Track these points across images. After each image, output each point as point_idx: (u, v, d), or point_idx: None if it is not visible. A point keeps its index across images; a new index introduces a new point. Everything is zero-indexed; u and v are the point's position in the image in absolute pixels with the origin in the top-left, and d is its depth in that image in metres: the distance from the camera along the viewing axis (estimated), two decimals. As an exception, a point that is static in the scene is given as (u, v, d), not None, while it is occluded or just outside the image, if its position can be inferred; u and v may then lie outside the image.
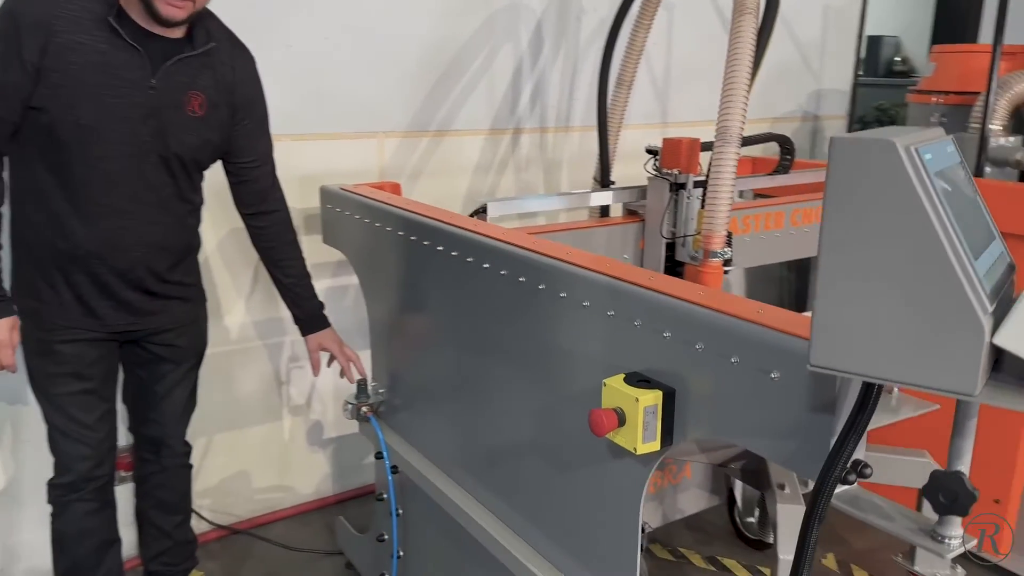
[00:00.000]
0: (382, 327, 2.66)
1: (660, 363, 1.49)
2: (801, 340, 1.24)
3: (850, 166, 0.99)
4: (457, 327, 2.19)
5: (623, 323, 1.56)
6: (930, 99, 3.77)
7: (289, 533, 3.37)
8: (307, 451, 3.50)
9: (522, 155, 3.76)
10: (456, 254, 2.08)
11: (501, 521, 2.07)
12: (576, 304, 1.67)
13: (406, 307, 2.49)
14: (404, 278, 2.45)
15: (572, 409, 1.73)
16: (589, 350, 1.66)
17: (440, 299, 2.25)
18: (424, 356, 2.42)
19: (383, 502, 2.71)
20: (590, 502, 1.73)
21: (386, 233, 2.44)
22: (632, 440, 1.46)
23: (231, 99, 2.31)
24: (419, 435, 2.49)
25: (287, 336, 3.33)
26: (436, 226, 2.17)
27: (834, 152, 1.00)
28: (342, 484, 3.62)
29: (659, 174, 2.55)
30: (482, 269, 1.98)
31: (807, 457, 1.24)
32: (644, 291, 1.52)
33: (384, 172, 3.41)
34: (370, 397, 2.64)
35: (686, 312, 1.42)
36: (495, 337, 2.01)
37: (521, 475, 1.98)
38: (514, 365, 1.95)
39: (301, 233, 2.77)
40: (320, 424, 3.52)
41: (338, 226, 2.78)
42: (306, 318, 2.65)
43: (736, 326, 1.33)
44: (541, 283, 1.77)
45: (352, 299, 3.45)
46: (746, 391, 1.32)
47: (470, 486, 2.22)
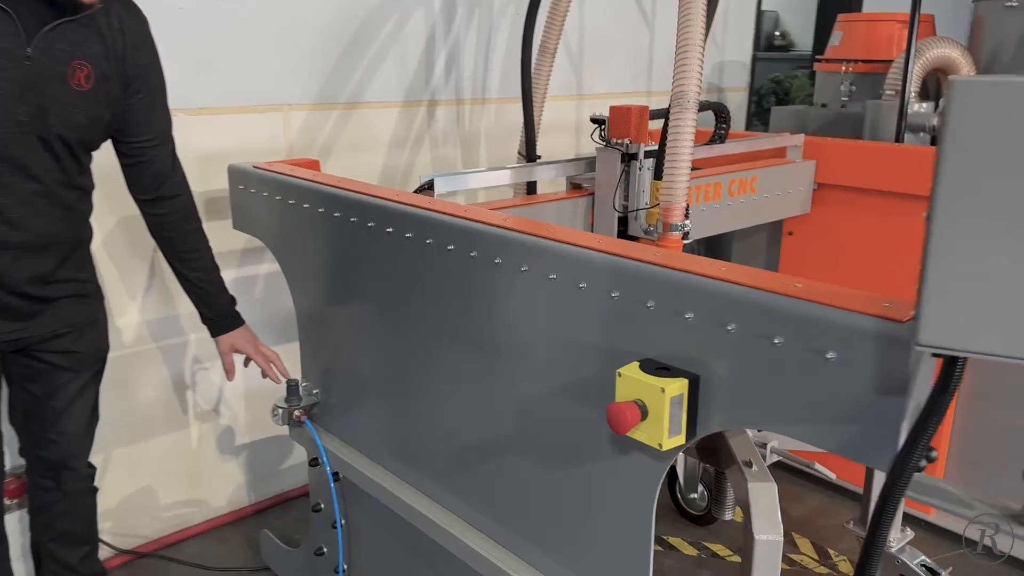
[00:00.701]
0: (311, 319, 2.40)
1: (679, 348, 1.34)
2: (865, 316, 1.11)
3: (979, 111, 0.85)
4: (407, 315, 1.97)
5: (631, 306, 1.39)
6: (839, 68, 3.80)
7: (204, 551, 3.05)
8: (218, 460, 3.18)
9: (438, 129, 3.53)
10: (410, 235, 1.86)
11: (475, 528, 1.89)
12: (568, 287, 1.50)
13: (339, 295, 2.25)
14: (337, 263, 2.20)
15: (566, 404, 1.57)
16: (587, 338, 1.49)
17: (385, 286, 2.02)
18: (365, 348, 2.18)
19: (321, 512, 2.46)
20: (592, 505, 1.57)
21: (317, 215, 2.18)
22: (657, 435, 1.30)
23: (122, 68, 1.99)
24: (363, 437, 2.26)
25: (189, 335, 3.00)
26: (385, 205, 1.93)
27: (957, 96, 0.86)
28: (259, 493, 3.32)
29: (609, 144, 2.40)
30: (445, 251, 1.77)
31: (871, 444, 1.13)
32: (659, 269, 1.36)
33: (292, 149, 3.11)
34: (302, 399, 2.38)
35: (715, 291, 1.27)
36: (459, 325, 1.81)
37: (499, 479, 1.80)
38: (484, 356, 1.76)
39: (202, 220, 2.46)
40: (231, 430, 3.20)
41: (252, 209, 2.49)
42: (216, 317, 2.35)
43: (780, 304, 1.20)
44: (524, 264, 1.59)
45: (261, 291, 3.14)
46: (792, 375, 1.19)
47: (432, 491, 2.01)
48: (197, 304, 2.31)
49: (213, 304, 2.31)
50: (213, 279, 2.30)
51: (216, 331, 2.34)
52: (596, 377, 1.49)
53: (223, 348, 2.35)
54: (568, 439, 1.59)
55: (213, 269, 2.30)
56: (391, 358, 2.08)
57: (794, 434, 1.22)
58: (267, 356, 2.40)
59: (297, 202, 2.25)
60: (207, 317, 2.33)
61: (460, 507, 1.93)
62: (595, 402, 1.50)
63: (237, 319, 2.37)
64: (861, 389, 1.12)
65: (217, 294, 2.32)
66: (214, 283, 2.30)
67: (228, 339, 2.34)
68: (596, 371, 1.49)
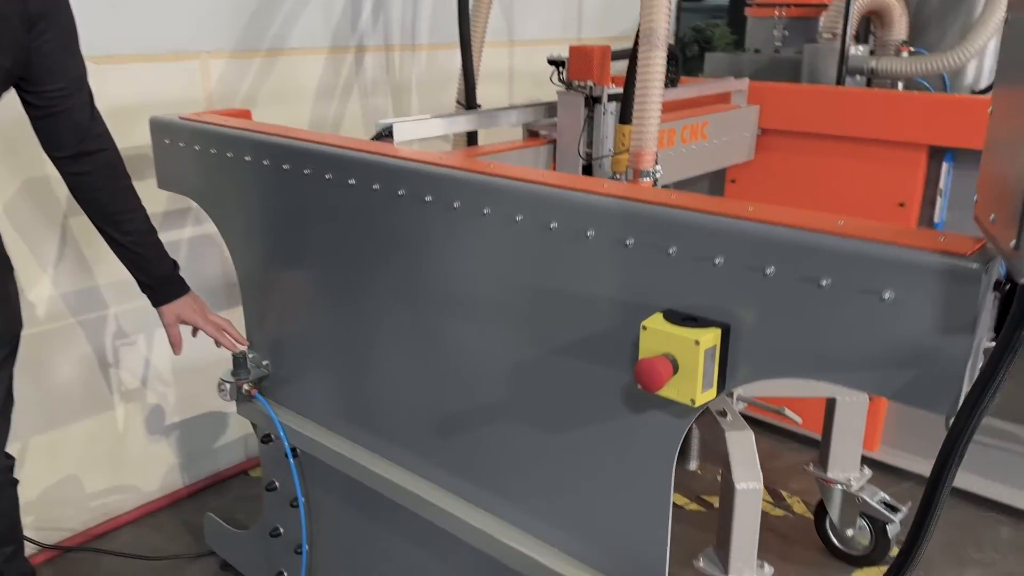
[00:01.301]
0: (255, 283, 2.20)
1: (706, 296, 1.24)
2: (927, 252, 1.04)
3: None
4: (369, 272, 1.81)
5: (649, 253, 1.29)
6: (772, 12, 3.78)
7: (139, 540, 2.83)
8: (147, 442, 2.94)
9: (367, 78, 3.32)
10: (378, 187, 1.70)
11: (461, 497, 1.77)
12: (572, 236, 1.38)
13: (285, 256, 2.05)
14: (282, 220, 2.01)
15: (569, 363, 1.46)
16: (595, 290, 1.38)
17: (342, 243, 1.85)
18: (318, 312, 2.01)
19: (276, 491, 2.29)
20: (602, 470, 1.47)
21: (260, 168, 1.98)
22: (689, 390, 1.21)
23: (24, 8, 1.72)
24: (322, 409, 2.10)
25: (109, 308, 2.73)
26: (352, 155, 1.76)
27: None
28: (193, 474, 3.10)
29: (570, 87, 2.27)
30: (423, 203, 1.62)
31: (931, 387, 1.07)
32: (684, 213, 1.25)
33: (212, 101, 2.85)
34: (251, 372, 2.19)
35: (751, 233, 1.18)
36: (433, 282, 1.67)
37: (487, 446, 1.68)
38: (467, 316, 1.63)
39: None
40: (160, 409, 2.96)
41: (180, 165, 2.25)
42: (157, 284, 2.12)
43: (829, 243, 1.11)
44: (519, 214, 1.45)
45: (186, 257, 2.89)
46: (841, 319, 1.11)
47: (410, 462, 1.88)
48: (134, 271, 2.07)
49: (153, 270, 2.08)
50: (150, 242, 2.07)
51: (158, 300, 2.11)
52: (606, 333, 1.38)
53: (168, 319, 2.13)
54: (571, 400, 1.48)
55: (150, 231, 2.07)
56: (350, 321, 1.92)
57: (842, 381, 1.15)
58: (218, 324, 2.18)
59: (236, 155, 2.04)
60: (147, 285, 2.09)
61: (441, 476, 1.81)
62: (604, 360, 1.40)
63: (182, 286, 2.14)
64: (922, 330, 1.05)
65: (156, 259, 2.08)
66: (152, 246, 2.07)
67: (173, 309, 2.12)
68: (606, 327, 1.38)
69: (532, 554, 1.60)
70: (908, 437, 3.19)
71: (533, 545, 1.61)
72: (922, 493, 1.09)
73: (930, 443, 3.16)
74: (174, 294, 2.13)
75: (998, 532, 2.89)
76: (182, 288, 2.15)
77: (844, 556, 2.74)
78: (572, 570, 1.54)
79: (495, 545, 1.66)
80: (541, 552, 1.60)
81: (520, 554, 1.61)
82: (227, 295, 3.03)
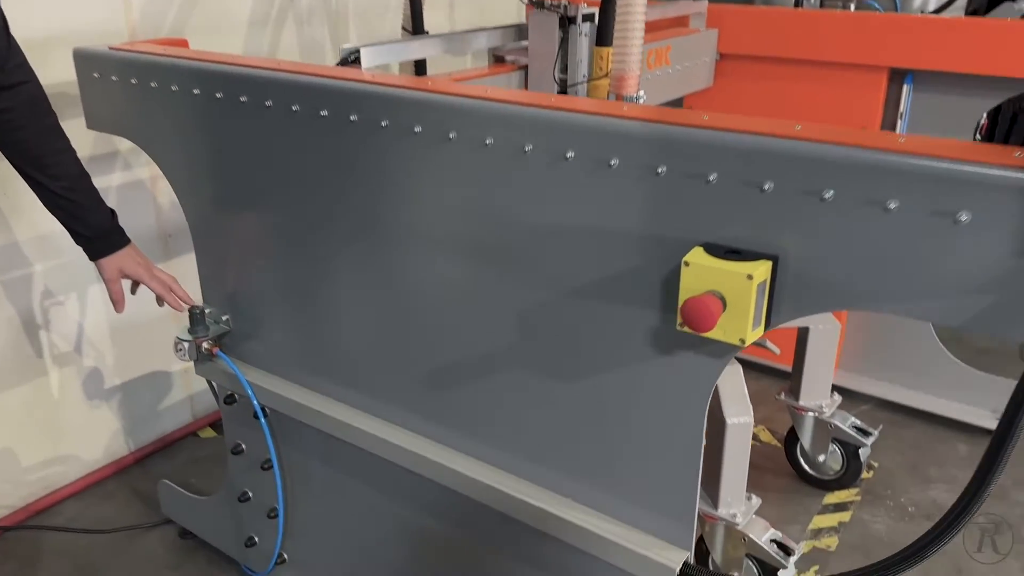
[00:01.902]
0: (208, 231, 2.01)
1: (751, 226, 1.15)
2: (1007, 169, 0.96)
3: None
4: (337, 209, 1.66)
5: (685, 182, 1.18)
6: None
7: (86, 512, 2.63)
8: (87, 407, 2.72)
9: (302, 6, 3.06)
10: (355, 118, 1.53)
11: (456, 450, 1.66)
12: (593, 167, 1.26)
13: (239, 196, 1.87)
14: (239, 158, 1.82)
15: (591, 306, 1.35)
16: (620, 225, 1.26)
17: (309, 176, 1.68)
18: (285, 257, 1.84)
19: (243, 454, 2.13)
20: (626, 417, 1.38)
21: (210, 101, 1.77)
22: (739, 328, 1.12)
23: None
24: (293, 364, 1.94)
25: (34, 265, 2.47)
26: (315, 83, 1.58)
27: None
28: (139, 439, 2.90)
29: (542, 6, 2.11)
30: (411, 134, 1.46)
31: (1008, 315, 1.00)
32: (727, 135, 1.14)
33: (135, 33, 2.57)
34: (209, 329, 2.01)
35: (807, 154, 1.08)
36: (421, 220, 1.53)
37: (489, 397, 1.56)
38: (467, 256, 1.50)
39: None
40: (97, 371, 2.73)
41: (113, 101, 2.01)
42: (94, 235, 1.90)
43: (896, 163, 1.02)
44: (528, 144, 1.32)
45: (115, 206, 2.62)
46: (910, 244, 1.03)
47: (400, 418, 1.76)
48: (68, 222, 1.85)
49: (89, 219, 1.86)
50: (84, 187, 1.84)
51: (97, 253, 1.89)
52: (630, 272, 1.28)
53: (109, 274, 1.91)
54: (588, 346, 1.38)
55: (83, 175, 1.84)
56: (317, 266, 1.77)
57: (900, 311, 1.08)
58: (163, 281, 1.98)
59: (181, 88, 1.82)
60: (83, 237, 1.87)
61: (435, 430, 1.70)
62: (629, 300, 1.29)
63: (122, 236, 1.93)
64: (1000, 253, 0.98)
65: (92, 206, 1.86)
66: (86, 192, 1.84)
67: (114, 262, 1.90)
68: (630, 265, 1.27)
69: (545, 506, 1.51)
70: (864, 361, 3.23)
71: (545, 497, 1.53)
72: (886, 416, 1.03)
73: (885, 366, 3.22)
74: (114, 245, 1.92)
75: (956, 449, 2.97)
76: (122, 239, 1.94)
77: (815, 481, 2.77)
78: (590, 519, 1.46)
79: (502, 498, 1.56)
80: (554, 503, 1.51)
81: (531, 506, 1.52)
82: (163, 248, 2.80)
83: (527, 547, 1.59)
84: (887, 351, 3.18)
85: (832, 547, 2.51)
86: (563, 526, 1.48)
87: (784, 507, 2.68)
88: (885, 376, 3.22)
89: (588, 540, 1.45)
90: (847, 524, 2.61)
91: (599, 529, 1.44)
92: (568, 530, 1.48)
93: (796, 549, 2.12)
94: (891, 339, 3.15)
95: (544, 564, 1.58)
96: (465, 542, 1.73)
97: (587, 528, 1.45)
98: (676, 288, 1.22)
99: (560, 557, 1.53)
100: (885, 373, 3.21)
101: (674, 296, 1.23)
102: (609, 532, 1.43)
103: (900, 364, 3.16)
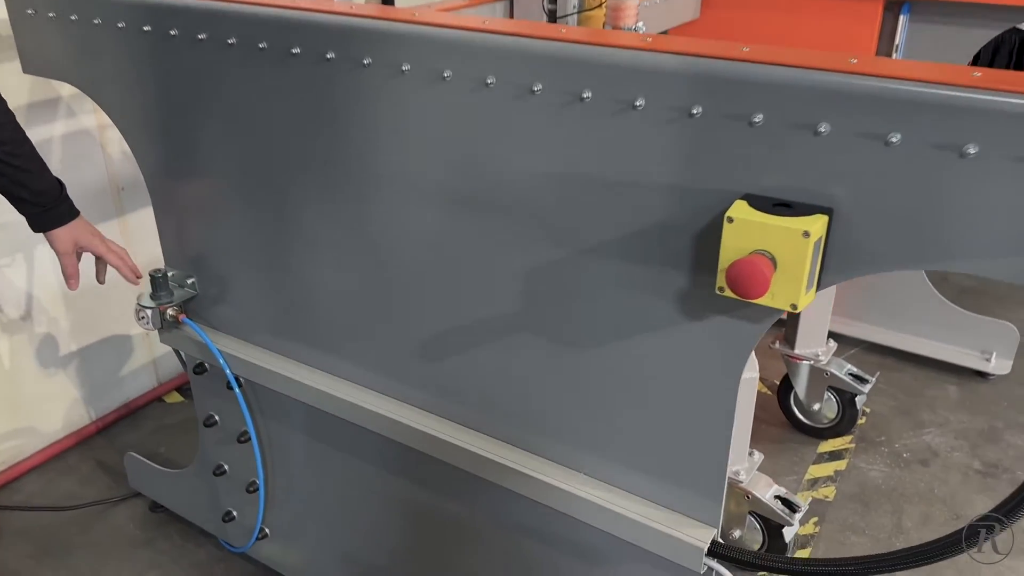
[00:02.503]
0: (165, 185, 1.81)
1: (800, 176, 1.01)
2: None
3: None
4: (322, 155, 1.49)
5: (724, 124, 1.03)
6: None
7: (49, 488, 2.47)
8: (41, 377, 2.53)
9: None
10: (332, 55, 1.35)
11: (464, 426, 1.53)
12: (616, 108, 1.10)
13: (208, 144, 1.68)
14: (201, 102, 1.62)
15: (602, 265, 1.21)
16: (644, 176, 1.12)
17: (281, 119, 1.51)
18: (259, 209, 1.66)
19: (216, 426, 1.98)
20: (646, 389, 1.26)
21: (167, 41, 1.57)
22: (791, 293, 0.99)
23: None
24: (268, 330, 1.78)
25: (-28, 226, 2.26)
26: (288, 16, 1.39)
27: None
28: (100, 407, 2.72)
29: (530, -69, 1.92)
30: (399, 74, 1.29)
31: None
32: (773, 70, 0.99)
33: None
34: (173, 294, 1.83)
35: (872, 93, 0.94)
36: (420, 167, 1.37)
37: (492, 363, 1.43)
38: (461, 212, 1.34)
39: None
40: (51, 338, 2.54)
41: (51, 41, 1.79)
42: (43, 204, 1.69)
43: (973, 101, 0.89)
44: (538, 83, 1.16)
45: (60, 159, 2.41)
46: (990, 193, 0.91)
47: (387, 387, 1.62)
48: (13, 189, 1.63)
49: (34, 185, 1.65)
50: (28, 152, 1.64)
51: (46, 224, 1.69)
52: (656, 228, 1.14)
53: (63, 246, 1.72)
54: (605, 311, 1.24)
55: (24, 141, 1.63)
56: (296, 218, 1.60)
57: (971, 268, 0.96)
58: (118, 252, 1.80)
59: (129, 24, 1.61)
60: (31, 204, 1.66)
61: (429, 401, 1.56)
62: (654, 260, 1.16)
63: (72, 207, 1.73)
64: (1100, 203, 0.86)
65: (37, 171, 1.66)
66: (30, 157, 1.64)
67: (68, 233, 1.71)
68: (656, 220, 1.13)
69: (553, 480, 1.39)
70: (853, 305, 3.15)
71: (554, 471, 1.41)
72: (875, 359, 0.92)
73: (874, 310, 3.15)
74: (65, 215, 1.72)
75: (947, 392, 2.93)
76: (73, 209, 1.74)
77: (809, 430, 2.70)
78: (603, 495, 1.35)
79: (504, 473, 1.44)
80: (563, 478, 1.39)
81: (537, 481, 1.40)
82: (116, 202, 2.58)
83: (531, 520, 1.48)
84: (876, 294, 3.10)
85: (830, 497, 2.46)
86: (573, 501, 1.37)
87: (779, 458, 2.62)
88: (874, 320, 3.15)
89: (601, 516, 1.34)
90: (843, 473, 2.56)
91: (615, 505, 1.33)
92: (578, 505, 1.36)
93: (802, 505, 2.06)
94: (880, 282, 3.08)
95: (554, 540, 1.47)
96: (463, 516, 1.62)
97: (600, 504, 1.34)
98: (709, 246, 1.09)
99: (572, 533, 1.42)
100: (874, 316, 3.15)
101: (707, 255, 1.10)
102: (626, 508, 1.32)
103: (890, 307, 3.09)
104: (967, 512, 2.39)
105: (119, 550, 2.25)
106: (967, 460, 2.60)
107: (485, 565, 1.64)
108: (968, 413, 2.82)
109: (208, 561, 2.22)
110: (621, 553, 1.37)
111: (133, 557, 2.23)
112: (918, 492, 2.47)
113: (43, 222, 1.69)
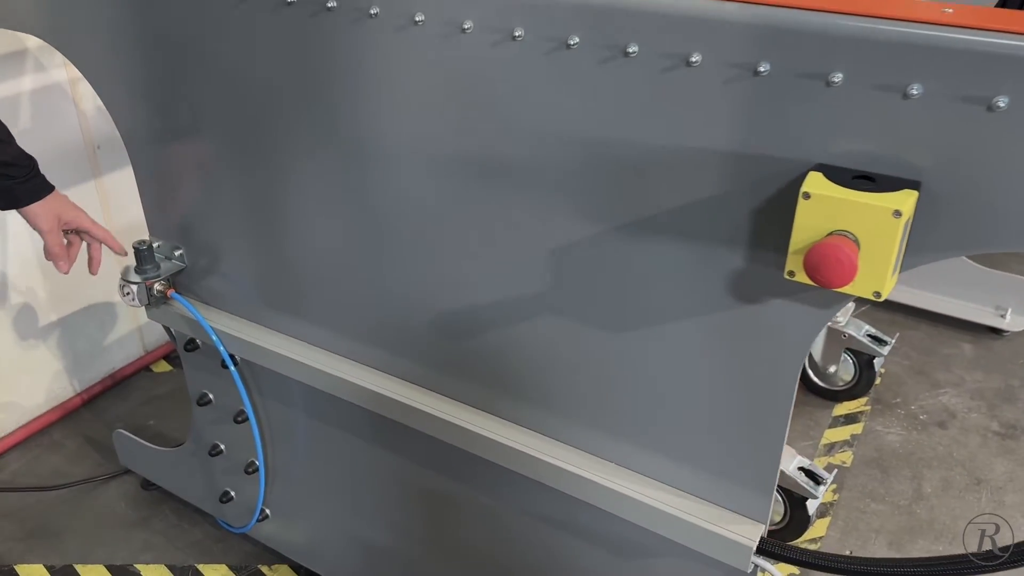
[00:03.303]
0: (146, 147, 1.66)
1: (884, 143, 0.88)
2: None
3: None
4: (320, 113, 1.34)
5: (795, 84, 0.90)
6: None
7: (33, 466, 2.35)
8: (20, 349, 2.40)
9: None
10: (334, 4, 1.19)
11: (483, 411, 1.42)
12: (667, 65, 0.97)
13: (193, 101, 1.52)
14: (183, 55, 1.47)
15: (647, 243, 1.08)
16: (696, 140, 0.99)
17: (275, 73, 1.35)
18: (251, 172, 1.51)
19: (210, 405, 1.86)
20: (695, 378, 1.14)
21: (144, -11, 1.40)
22: (876, 279, 0.87)
23: None
24: (264, 305, 1.65)
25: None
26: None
27: None
28: (85, 378, 2.60)
29: None
30: (412, 25, 1.14)
31: None
32: (853, 22, 0.86)
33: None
34: (160, 267, 1.69)
35: (972, 49, 0.81)
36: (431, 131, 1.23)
37: (511, 342, 1.31)
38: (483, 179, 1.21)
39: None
40: (29, 308, 2.40)
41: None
42: (12, 174, 1.53)
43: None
44: (573, 36, 1.01)
45: (30, 116, 2.24)
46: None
47: (402, 370, 1.50)
48: None
49: (6, 152, 1.50)
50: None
51: (20, 198, 1.54)
52: (714, 200, 1.01)
53: (46, 224, 1.56)
54: (649, 291, 1.12)
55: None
56: (291, 183, 1.46)
57: (1080, 252, 0.84)
58: (104, 228, 1.66)
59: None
60: (4, 176, 1.51)
61: (443, 383, 1.45)
62: (711, 236, 1.03)
63: (46, 181, 1.58)
64: None
65: (7, 141, 1.51)
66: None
67: (48, 208, 1.56)
68: (713, 192, 1.00)
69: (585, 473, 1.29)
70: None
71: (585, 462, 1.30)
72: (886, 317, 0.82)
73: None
74: (42, 188, 1.57)
75: (962, 350, 2.86)
76: (47, 183, 1.59)
77: (824, 392, 2.62)
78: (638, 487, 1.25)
79: (529, 463, 1.34)
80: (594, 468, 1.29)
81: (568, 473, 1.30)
82: (91, 162, 2.42)
83: (555, 510, 1.38)
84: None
85: (848, 463, 2.39)
86: (608, 495, 1.26)
87: (794, 422, 2.49)
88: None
89: (638, 511, 1.24)
90: (860, 437, 2.48)
91: (654, 500, 1.23)
92: (613, 499, 1.26)
93: (827, 477, 1.98)
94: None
95: (580, 531, 1.38)
96: (478, 501, 1.52)
97: (638, 498, 1.23)
98: (769, 223, 0.97)
99: (602, 525, 1.32)
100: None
101: (770, 234, 0.98)
102: (666, 503, 1.22)
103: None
104: (988, 477, 2.33)
105: (111, 531, 2.15)
106: (985, 421, 2.53)
107: (503, 551, 1.55)
108: (983, 371, 2.75)
109: (205, 541, 2.12)
110: (658, 547, 1.28)
111: (127, 538, 2.13)
112: (937, 456, 2.41)
113: (16, 196, 1.53)
